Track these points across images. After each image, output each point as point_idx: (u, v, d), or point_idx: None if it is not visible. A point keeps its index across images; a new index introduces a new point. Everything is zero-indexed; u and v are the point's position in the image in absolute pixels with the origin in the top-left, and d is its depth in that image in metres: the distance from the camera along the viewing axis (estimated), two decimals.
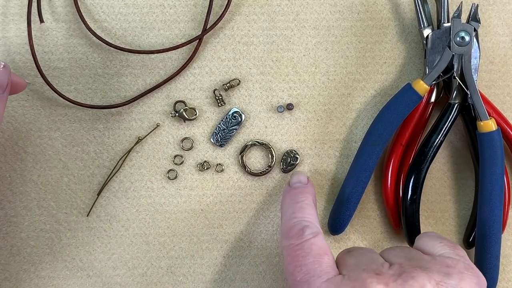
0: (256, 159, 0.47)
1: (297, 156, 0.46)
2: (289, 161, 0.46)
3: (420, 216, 0.45)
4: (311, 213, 0.40)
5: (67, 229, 0.47)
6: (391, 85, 0.47)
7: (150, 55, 0.47)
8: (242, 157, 0.46)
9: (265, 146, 0.46)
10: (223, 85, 0.47)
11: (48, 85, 0.46)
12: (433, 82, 0.44)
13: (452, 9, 0.45)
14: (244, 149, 0.46)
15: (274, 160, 0.46)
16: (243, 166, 0.46)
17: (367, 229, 0.47)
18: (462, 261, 0.36)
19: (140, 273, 0.47)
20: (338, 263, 0.37)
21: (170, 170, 0.47)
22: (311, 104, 0.47)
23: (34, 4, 0.46)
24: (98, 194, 0.46)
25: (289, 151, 0.46)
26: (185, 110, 0.46)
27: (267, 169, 0.46)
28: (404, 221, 0.45)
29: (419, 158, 0.44)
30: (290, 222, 0.39)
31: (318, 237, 0.37)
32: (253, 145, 0.46)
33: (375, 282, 0.33)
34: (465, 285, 0.34)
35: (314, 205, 0.41)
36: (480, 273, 0.36)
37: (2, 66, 0.39)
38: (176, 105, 0.47)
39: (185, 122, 0.47)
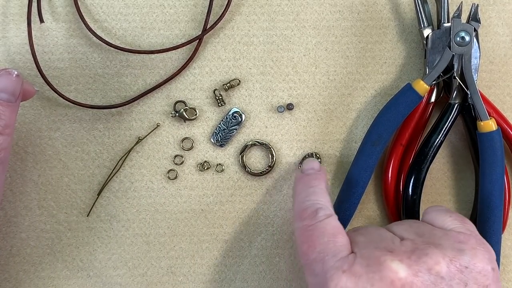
0: (256, 159, 0.47)
1: (319, 158, 0.46)
2: None
3: (421, 216, 0.45)
4: (324, 196, 0.40)
5: (67, 229, 0.47)
6: (391, 85, 0.47)
7: (150, 55, 0.47)
8: (242, 157, 0.46)
9: (265, 146, 0.46)
10: (223, 85, 0.47)
11: (48, 85, 0.46)
12: (433, 82, 0.44)
13: (452, 9, 0.45)
14: (244, 149, 0.46)
15: (274, 160, 0.46)
16: (243, 166, 0.46)
17: None
18: (473, 236, 0.36)
19: (140, 273, 0.47)
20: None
21: (170, 170, 0.47)
22: (311, 104, 0.47)
23: (34, 4, 0.46)
24: (98, 194, 0.46)
25: (312, 153, 0.46)
26: (185, 110, 0.46)
27: (267, 169, 0.46)
28: None
29: (419, 158, 0.44)
30: (303, 204, 0.39)
31: (332, 218, 0.37)
32: (253, 145, 0.46)
33: (389, 260, 0.33)
34: (477, 261, 0.34)
35: (327, 191, 0.41)
36: (491, 248, 0.36)
37: (15, 74, 0.39)
38: (176, 105, 0.47)
39: (185, 122, 0.47)
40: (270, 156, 0.46)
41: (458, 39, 0.43)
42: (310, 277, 0.36)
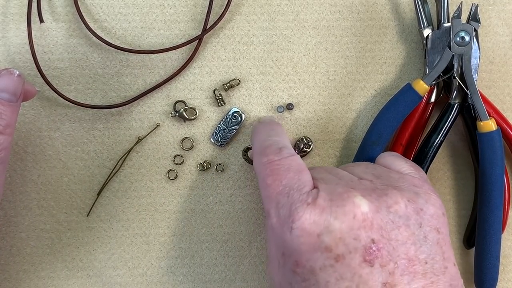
0: None
1: (310, 143, 0.46)
2: (302, 147, 0.46)
3: None
4: (286, 138, 0.41)
5: (67, 229, 0.47)
6: (391, 85, 0.47)
7: (150, 55, 0.47)
8: (246, 151, 0.46)
9: None
10: (223, 85, 0.47)
11: (48, 85, 0.46)
12: (433, 82, 0.44)
13: (452, 9, 0.45)
14: (246, 150, 0.46)
15: None
16: (248, 160, 0.46)
17: None
18: (427, 182, 0.38)
19: (140, 273, 0.47)
20: None
21: (170, 170, 0.47)
22: (311, 104, 0.47)
23: (34, 4, 0.46)
24: (98, 194, 0.46)
25: (303, 138, 0.46)
26: (185, 110, 0.46)
27: None
28: None
29: (419, 158, 0.44)
30: (266, 142, 0.39)
31: (296, 157, 0.38)
32: None
33: (352, 195, 0.34)
34: (430, 205, 0.35)
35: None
36: (440, 197, 0.37)
37: (16, 74, 0.39)
38: (176, 105, 0.47)
39: (185, 122, 0.47)
40: None
41: (458, 39, 0.43)
42: (273, 209, 0.36)
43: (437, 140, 0.44)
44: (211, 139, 0.47)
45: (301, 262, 0.34)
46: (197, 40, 0.46)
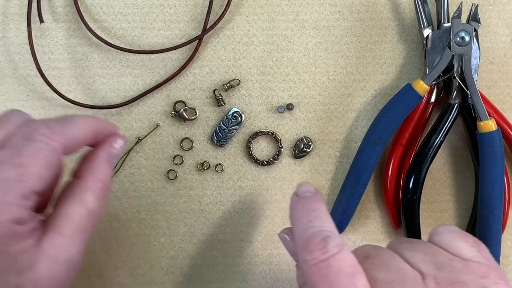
0: (262, 151, 0.47)
1: (310, 143, 0.46)
2: (302, 147, 0.46)
3: (420, 216, 0.45)
4: (330, 221, 0.34)
5: None
6: (391, 85, 0.47)
7: (150, 55, 0.47)
8: (249, 144, 0.46)
9: (271, 135, 0.46)
10: (223, 85, 0.47)
11: (48, 85, 0.46)
12: (433, 82, 0.44)
13: (452, 9, 0.45)
14: (254, 136, 0.46)
15: (281, 147, 0.46)
16: (250, 155, 0.46)
17: (367, 229, 0.47)
18: (493, 267, 0.33)
19: (140, 273, 0.47)
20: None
21: (170, 170, 0.47)
22: (311, 104, 0.47)
23: (34, 4, 0.46)
24: None
25: (303, 138, 0.46)
26: (185, 110, 0.46)
27: (275, 157, 0.46)
28: (404, 221, 0.45)
29: (419, 158, 0.44)
30: (308, 232, 0.33)
31: (345, 251, 0.32)
32: (260, 134, 0.46)
33: None
34: None
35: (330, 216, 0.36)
36: (508, 279, 0.33)
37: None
38: (176, 105, 0.47)
39: (185, 122, 0.47)
40: (276, 141, 0.46)
41: (458, 39, 0.43)
42: None
43: (437, 140, 0.44)
44: (211, 139, 0.47)
45: None
46: (197, 40, 0.46)
